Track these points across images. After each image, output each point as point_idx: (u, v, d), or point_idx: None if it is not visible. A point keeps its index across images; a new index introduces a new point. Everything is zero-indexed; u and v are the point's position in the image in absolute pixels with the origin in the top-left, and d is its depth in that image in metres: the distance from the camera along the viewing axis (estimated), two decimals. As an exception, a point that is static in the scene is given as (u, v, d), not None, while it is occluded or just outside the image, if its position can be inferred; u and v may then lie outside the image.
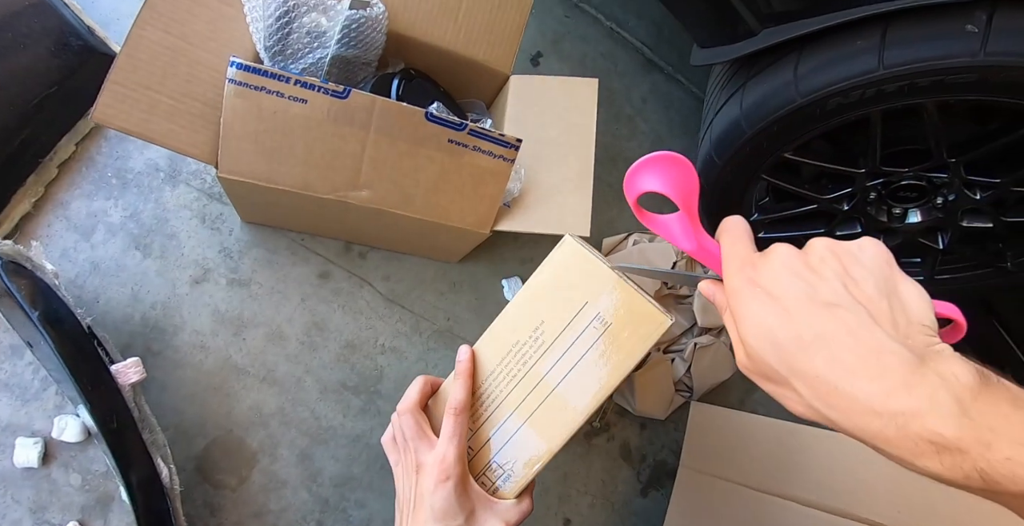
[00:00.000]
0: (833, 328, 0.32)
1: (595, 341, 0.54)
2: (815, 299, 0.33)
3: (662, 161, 0.42)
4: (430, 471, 0.54)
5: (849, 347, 0.31)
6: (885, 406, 0.30)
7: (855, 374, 0.30)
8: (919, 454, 0.29)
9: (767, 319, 0.33)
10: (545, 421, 0.57)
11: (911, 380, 0.30)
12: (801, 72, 0.91)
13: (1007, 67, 0.80)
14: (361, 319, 0.90)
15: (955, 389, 0.29)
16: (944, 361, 0.30)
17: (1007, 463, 0.28)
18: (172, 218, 0.87)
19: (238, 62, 0.72)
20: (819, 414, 0.32)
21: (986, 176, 0.96)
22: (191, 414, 0.80)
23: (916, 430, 0.29)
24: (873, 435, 0.30)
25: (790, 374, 0.32)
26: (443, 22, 0.92)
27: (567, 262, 0.56)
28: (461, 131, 0.79)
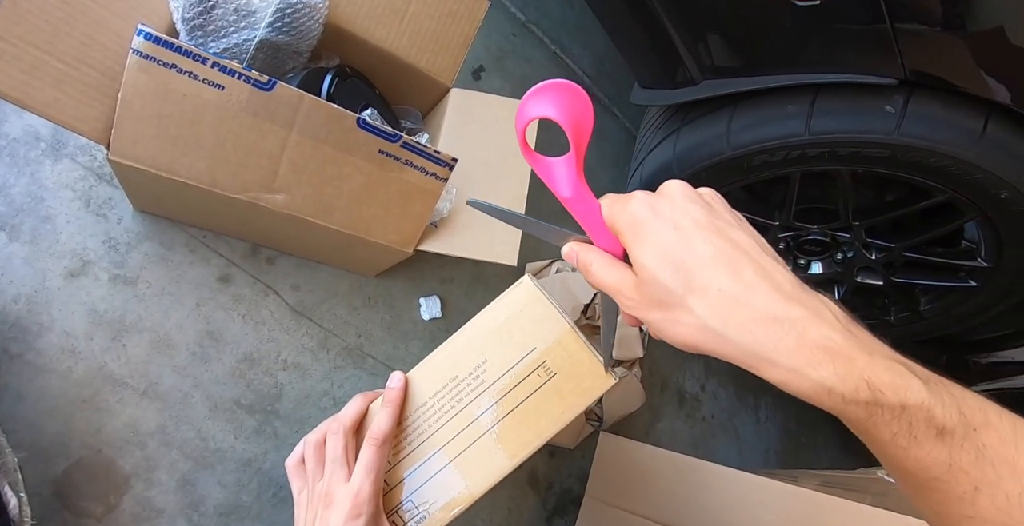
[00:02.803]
0: (732, 247, 0.32)
1: (537, 389, 0.51)
2: (713, 223, 0.33)
3: (560, 88, 0.37)
4: (341, 505, 0.46)
5: (747, 264, 0.31)
6: (785, 313, 0.30)
7: (756, 287, 0.31)
8: (816, 363, 0.29)
9: (668, 238, 0.33)
10: (472, 464, 0.51)
11: (801, 296, 0.31)
12: (734, 127, 0.90)
13: (915, 148, 0.82)
14: (263, 330, 0.78)
15: (833, 309, 0.31)
16: (816, 291, 0.32)
17: (887, 373, 0.28)
18: (49, 197, 0.72)
19: (147, 32, 0.60)
20: (713, 333, 0.31)
21: (883, 240, 0.99)
22: (52, 430, 0.65)
23: (813, 336, 0.29)
24: (773, 344, 0.30)
25: (688, 292, 0.32)
26: (387, 22, 0.83)
27: (521, 303, 0.52)
28: (394, 143, 0.70)
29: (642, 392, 1.00)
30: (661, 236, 0.33)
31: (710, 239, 0.32)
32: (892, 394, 0.28)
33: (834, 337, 0.29)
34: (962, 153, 0.81)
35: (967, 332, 1.17)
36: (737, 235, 0.33)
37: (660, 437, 1.11)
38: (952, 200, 0.89)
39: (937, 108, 0.81)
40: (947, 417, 0.28)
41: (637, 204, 0.35)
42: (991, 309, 1.02)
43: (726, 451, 1.20)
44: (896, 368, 0.29)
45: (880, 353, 0.29)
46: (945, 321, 1.09)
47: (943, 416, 0.28)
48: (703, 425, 1.18)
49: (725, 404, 1.22)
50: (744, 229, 0.34)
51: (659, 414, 1.12)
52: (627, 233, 0.34)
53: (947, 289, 1.05)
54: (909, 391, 0.28)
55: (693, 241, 0.32)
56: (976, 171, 0.83)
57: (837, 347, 0.29)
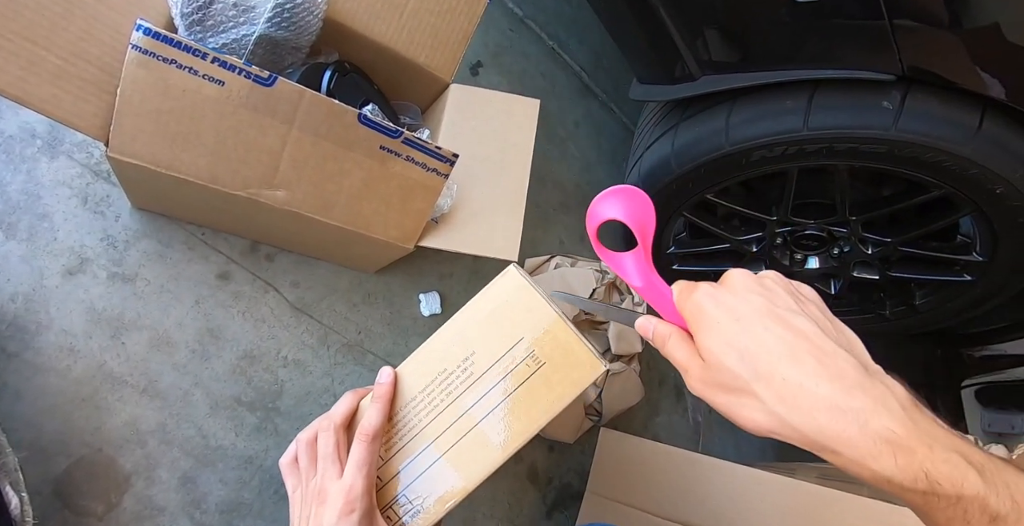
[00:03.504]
0: (794, 336, 0.33)
1: (526, 379, 0.50)
2: (774, 311, 0.35)
3: (625, 193, 0.42)
4: (334, 502, 0.46)
5: (808, 351, 0.33)
6: (847, 403, 0.31)
7: (818, 375, 0.32)
8: (877, 454, 0.30)
9: (732, 328, 0.35)
10: (464, 457, 0.51)
11: (864, 383, 0.32)
12: (733, 122, 0.90)
13: (912, 144, 0.83)
14: (263, 328, 0.78)
15: (899, 397, 0.32)
16: (883, 375, 0.33)
17: (946, 465, 0.30)
18: (46, 195, 0.71)
19: (146, 26, 0.59)
20: (779, 419, 0.33)
21: (879, 235, 1.00)
22: (51, 429, 0.65)
23: (875, 427, 0.30)
24: (836, 434, 0.31)
25: (754, 379, 0.33)
26: (387, 17, 0.82)
27: (508, 294, 0.52)
28: (395, 138, 0.70)
29: (641, 387, 1.01)
30: (724, 326, 0.35)
31: (771, 328, 0.34)
32: (949, 486, 0.30)
33: (895, 429, 0.30)
34: (958, 149, 0.82)
35: (962, 326, 1.18)
36: (799, 322, 0.34)
37: (658, 431, 1.12)
38: (948, 195, 0.89)
39: (934, 104, 0.82)
40: (1001, 505, 0.30)
41: (701, 294, 0.37)
42: (986, 303, 1.04)
43: (723, 445, 1.21)
44: (954, 460, 0.30)
45: (941, 443, 0.30)
46: (940, 315, 1.10)
47: (997, 504, 0.30)
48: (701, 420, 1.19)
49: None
50: (807, 313, 0.35)
51: (657, 409, 1.13)
52: (693, 322, 0.37)
53: (942, 283, 1.06)
54: (965, 483, 0.30)
55: (755, 330, 0.34)
56: (972, 166, 0.84)
57: (898, 439, 0.30)
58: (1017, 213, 0.87)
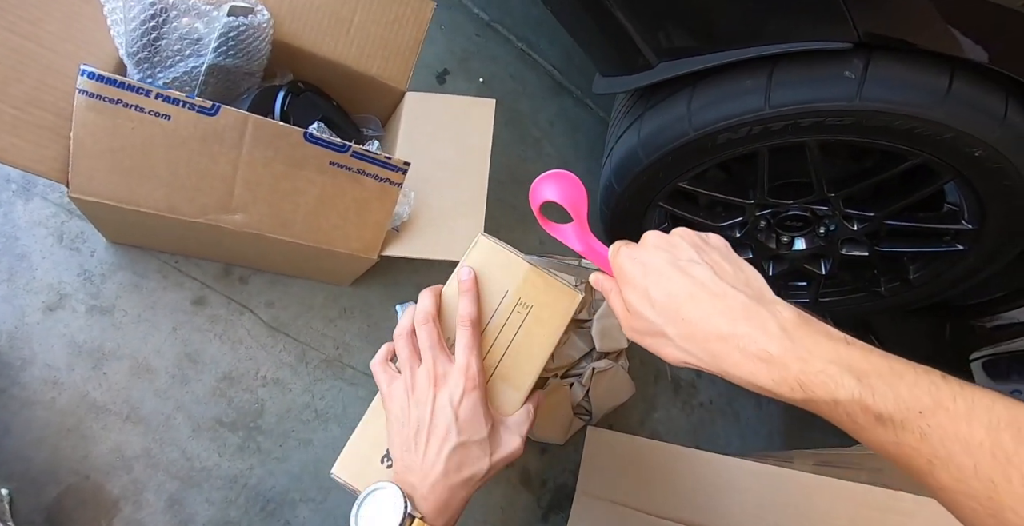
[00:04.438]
0: (690, 282, 0.40)
1: (521, 324, 0.56)
2: (676, 263, 0.41)
3: (556, 177, 0.50)
4: (455, 380, 0.50)
5: (703, 293, 0.39)
6: (731, 331, 0.37)
7: (710, 312, 0.38)
8: (754, 371, 0.36)
9: (643, 282, 0.42)
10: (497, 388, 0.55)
11: (748, 314, 0.37)
12: (694, 107, 0.89)
13: (880, 112, 0.81)
14: (240, 349, 0.81)
15: (780, 320, 0.37)
16: (774, 304, 0.39)
17: (820, 375, 0.34)
18: (23, 236, 0.75)
19: (90, 71, 0.63)
20: (687, 352, 0.40)
21: (862, 210, 0.98)
22: (40, 460, 0.68)
23: (752, 349, 0.36)
24: (724, 358, 0.37)
25: (664, 323, 0.40)
26: (334, 34, 0.85)
27: (484, 258, 0.58)
28: (344, 153, 0.72)
29: (631, 383, 1.00)
30: (638, 280, 0.42)
31: (673, 278, 0.40)
32: (823, 392, 0.34)
33: (770, 349, 0.36)
34: (929, 113, 0.80)
35: (962, 297, 1.14)
36: (696, 270, 0.40)
37: (657, 427, 1.11)
38: (927, 163, 0.87)
39: (899, 70, 0.80)
40: (882, 406, 0.32)
41: (621, 256, 0.45)
42: (981, 271, 1.00)
43: (727, 436, 1.19)
44: (830, 370, 0.34)
45: (818, 357, 0.35)
46: (936, 288, 1.06)
47: (877, 405, 0.33)
48: (701, 411, 1.17)
49: (723, 388, 1.21)
50: (707, 261, 0.41)
51: (654, 404, 1.12)
52: (618, 279, 0.45)
53: (934, 255, 1.03)
54: (839, 389, 0.33)
55: (660, 281, 0.41)
56: (946, 131, 0.81)
57: (772, 358, 0.35)
58: (1000, 175, 0.84)
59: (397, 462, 0.49)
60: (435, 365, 0.50)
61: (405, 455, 0.49)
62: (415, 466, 0.48)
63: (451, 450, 0.47)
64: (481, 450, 0.49)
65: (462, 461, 0.48)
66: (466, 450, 0.48)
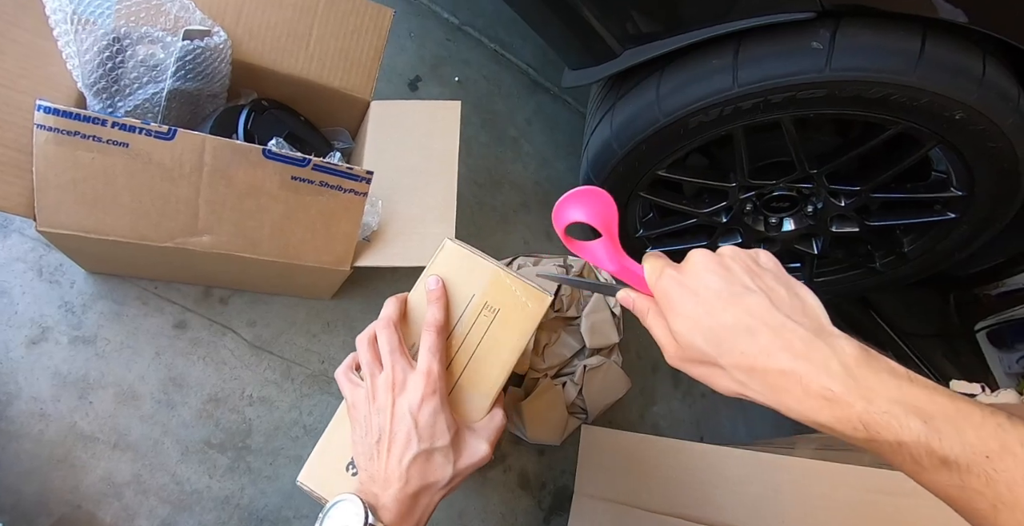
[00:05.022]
0: (747, 313, 0.38)
1: (488, 328, 0.55)
2: (730, 290, 0.39)
3: (584, 194, 0.46)
4: (415, 386, 0.49)
5: (761, 326, 0.37)
6: (791, 367, 0.36)
7: (769, 346, 0.37)
8: (816, 408, 0.35)
9: (696, 311, 0.40)
10: (456, 411, 0.53)
11: (809, 349, 0.36)
12: (663, 92, 0.88)
13: (851, 81, 0.79)
14: (225, 370, 0.81)
15: (842, 357, 0.36)
16: (834, 338, 0.37)
17: (884, 416, 0.33)
18: (2, 272, 0.76)
19: (45, 105, 0.63)
20: (743, 385, 0.38)
21: (848, 184, 0.96)
22: (31, 492, 0.69)
23: (814, 387, 0.35)
24: (784, 395, 0.36)
25: (718, 355, 0.38)
26: (293, 50, 0.85)
27: (450, 263, 0.57)
28: (304, 167, 0.72)
29: (625, 378, 0.99)
30: (688, 309, 0.40)
31: (728, 308, 0.39)
32: (888, 434, 0.33)
33: (833, 387, 0.35)
34: (902, 78, 0.78)
35: (963, 267, 1.10)
36: (752, 299, 0.39)
37: (658, 421, 1.09)
38: (907, 131, 0.85)
39: (867, 36, 0.78)
40: (948, 449, 0.32)
41: (666, 280, 0.42)
42: (976, 239, 0.97)
43: (732, 425, 1.16)
44: (894, 410, 0.33)
45: (883, 396, 0.34)
46: (932, 259, 1.03)
47: (943, 449, 0.32)
48: (703, 402, 1.15)
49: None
50: (762, 287, 0.39)
51: (653, 397, 1.10)
52: (662, 305, 0.42)
53: (927, 225, 1.00)
54: (904, 431, 0.33)
55: (714, 311, 0.39)
56: (922, 95, 0.79)
57: (835, 396, 0.35)
58: (984, 137, 0.81)
59: (361, 471, 0.49)
60: (394, 371, 0.49)
61: (368, 464, 0.48)
62: (378, 475, 0.47)
63: (412, 458, 0.47)
64: (444, 457, 0.48)
65: (424, 469, 0.47)
66: (428, 457, 0.47)
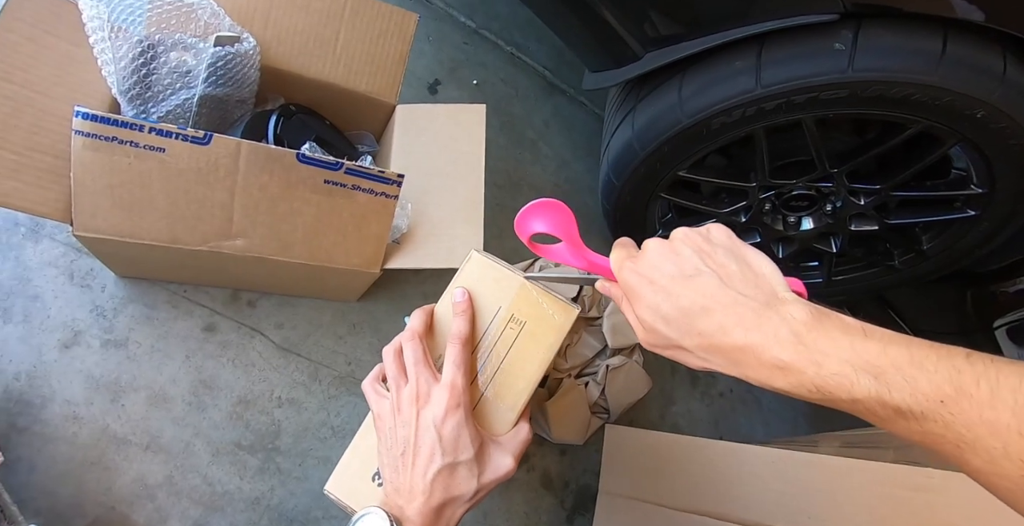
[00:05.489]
0: (699, 294, 0.39)
1: (514, 340, 0.55)
2: (682, 274, 0.41)
3: (538, 207, 0.49)
4: (438, 399, 0.49)
5: (714, 304, 0.39)
6: (745, 341, 0.37)
7: (723, 324, 0.38)
8: (771, 377, 0.37)
9: (653, 299, 0.41)
10: (481, 424, 0.54)
11: (759, 321, 0.37)
12: (685, 94, 0.89)
13: (874, 82, 0.80)
14: (253, 372, 0.82)
15: (792, 325, 0.37)
16: (785, 304, 0.38)
17: (835, 377, 0.34)
18: (35, 277, 0.77)
19: (83, 111, 0.64)
20: (708, 361, 0.40)
21: (867, 183, 0.97)
22: (66, 494, 0.70)
23: (766, 358, 0.36)
24: (743, 367, 0.38)
25: (680, 337, 0.40)
26: (321, 54, 0.86)
27: (477, 274, 0.57)
28: (337, 171, 0.73)
29: (647, 378, 1.00)
30: (647, 296, 0.42)
31: (682, 293, 0.40)
32: (841, 393, 0.34)
33: (783, 357, 0.36)
34: (924, 78, 0.79)
35: (981, 264, 1.11)
36: (703, 280, 0.40)
37: (677, 420, 1.10)
38: (928, 130, 0.86)
39: (889, 37, 0.79)
40: (899, 400, 0.33)
41: (626, 272, 0.44)
42: (996, 236, 0.98)
43: (750, 424, 1.17)
44: (845, 370, 0.34)
45: (833, 358, 0.35)
46: (951, 257, 1.04)
47: (895, 400, 0.33)
48: (721, 401, 1.16)
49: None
50: (713, 266, 0.41)
51: (672, 397, 1.11)
52: (627, 295, 0.44)
53: (947, 223, 1.01)
54: (855, 388, 0.34)
55: (670, 296, 0.41)
56: (944, 94, 0.80)
57: (786, 365, 0.36)
58: (1006, 135, 0.82)
59: (387, 483, 0.49)
60: (419, 383, 0.50)
61: (393, 476, 0.49)
62: (403, 488, 0.48)
63: (436, 471, 0.47)
64: (469, 471, 0.48)
65: (449, 482, 0.47)
66: (452, 471, 0.48)
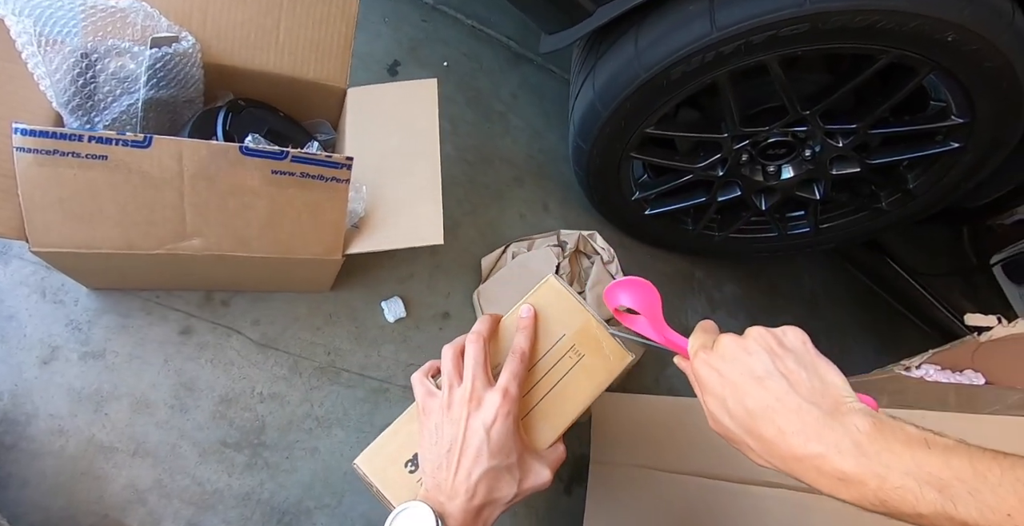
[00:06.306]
0: (765, 397, 0.41)
1: (570, 369, 0.58)
2: (752, 374, 0.42)
3: (628, 284, 0.53)
4: (491, 403, 0.50)
5: (779, 410, 0.40)
6: (805, 452, 0.38)
7: (785, 431, 0.39)
8: (834, 488, 0.38)
9: (721, 392, 0.43)
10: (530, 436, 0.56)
11: (822, 432, 0.38)
12: (641, 46, 0.87)
13: (832, 13, 0.77)
14: (233, 370, 0.83)
15: (855, 435, 0.37)
16: (849, 415, 0.39)
17: (898, 491, 0.35)
18: (8, 298, 0.79)
19: (21, 127, 0.64)
20: (770, 463, 0.41)
21: (843, 123, 0.93)
22: (58, 507, 0.72)
23: (827, 469, 0.37)
24: (803, 476, 0.39)
25: (743, 434, 0.42)
26: (264, 46, 0.85)
27: (549, 298, 0.59)
28: (283, 160, 0.72)
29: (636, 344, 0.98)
30: (716, 390, 0.44)
31: (749, 393, 0.42)
32: (907, 508, 0.35)
33: (846, 469, 0.37)
34: (887, 3, 0.75)
35: (969, 200, 1.07)
36: (772, 384, 0.41)
37: (673, 383, 1.08)
38: (899, 60, 0.82)
39: (847, -37, 0.75)
40: (966, 515, 0.33)
41: (698, 363, 0.46)
42: (983, 166, 0.93)
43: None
44: (908, 484, 0.35)
45: (896, 471, 0.35)
46: (939, 193, 1.00)
47: (960, 515, 0.33)
48: (720, 361, 1.14)
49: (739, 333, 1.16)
50: (783, 370, 0.42)
51: (666, 360, 1.09)
52: (698, 383, 0.46)
53: (931, 159, 0.97)
54: (920, 503, 0.34)
55: (737, 395, 0.42)
56: (910, 19, 0.76)
57: (849, 477, 0.37)
58: (980, 58, 0.79)
59: (427, 478, 0.50)
60: (474, 385, 0.51)
61: (436, 472, 0.49)
62: (445, 485, 0.49)
63: (481, 473, 0.48)
64: (511, 475, 0.50)
65: (492, 485, 0.49)
66: (496, 474, 0.49)
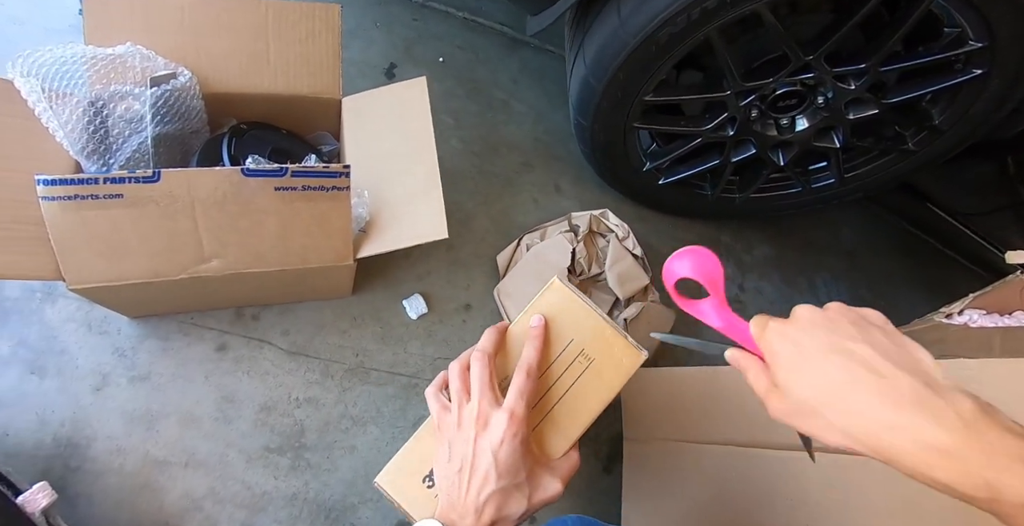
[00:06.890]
0: (853, 364, 0.37)
1: (581, 374, 0.57)
2: (836, 341, 0.39)
3: (689, 253, 0.49)
4: (497, 425, 0.50)
5: (867, 377, 0.37)
6: (899, 420, 0.35)
7: (876, 397, 0.36)
8: (931, 463, 0.34)
9: (800, 363, 0.40)
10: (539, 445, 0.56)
11: (920, 401, 0.35)
12: (624, 14, 0.85)
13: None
14: (269, 379, 0.88)
15: (958, 408, 0.34)
16: (948, 390, 0.35)
17: (1007, 472, 0.31)
18: (59, 334, 0.85)
19: (41, 178, 0.70)
20: (849, 437, 0.38)
21: (851, 64, 0.88)
22: (124, 520, 0.79)
23: (927, 440, 0.34)
24: (893, 449, 0.35)
25: (823, 406, 0.38)
26: (256, 69, 0.89)
27: (556, 302, 0.59)
28: (284, 176, 0.75)
29: (668, 312, 0.97)
30: (793, 361, 0.41)
31: (833, 359, 0.39)
32: (1013, 494, 0.31)
33: (947, 441, 0.33)
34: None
35: (1005, 129, 0.98)
36: (859, 349, 0.38)
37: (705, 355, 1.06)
38: (900, -11, 0.77)
39: None
40: None
41: (771, 333, 0.43)
42: (1012, 92, 0.86)
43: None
44: (1016, 468, 0.31)
45: (1004, 453, 0.32)
46: (968, 126, 0.93)
47: None
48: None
49: (774, 296, 1.13)
50: (868, 339, 0.39)
51: (697, 331, 1.07)
52: (768, 358, 0.43)
53: (953, 90, 0.90)
54: None
55: (819, 362, 0.39)
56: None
57: (951, 450, 0.33)
58: (988, -26, 0.73)
59: (442, 495, 0.51)
60: (481, 405, 0.51)
61: (449, 489, 0.51)
62: (457, 504, 0.50)
63: (489, 494, 0.49)
64: (520, 493, 0.50)
65: (500, 504, 0.49)
66: (505, 494, 0.49)
